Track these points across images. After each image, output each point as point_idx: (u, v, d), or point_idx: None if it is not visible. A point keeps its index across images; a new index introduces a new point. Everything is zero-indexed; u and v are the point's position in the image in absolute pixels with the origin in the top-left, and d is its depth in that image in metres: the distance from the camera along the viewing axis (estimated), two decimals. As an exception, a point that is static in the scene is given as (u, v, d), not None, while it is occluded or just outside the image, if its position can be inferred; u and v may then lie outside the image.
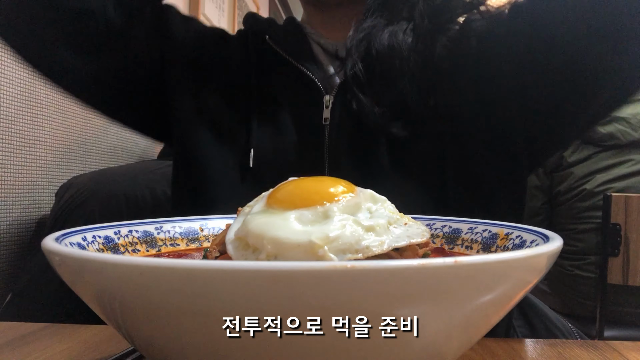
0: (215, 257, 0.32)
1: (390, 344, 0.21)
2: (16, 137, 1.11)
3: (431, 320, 0.21)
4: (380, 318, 0.20)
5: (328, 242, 0.26)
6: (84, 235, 0.33)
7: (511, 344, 0.44)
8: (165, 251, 0.41)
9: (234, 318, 0.20)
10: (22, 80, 1.12)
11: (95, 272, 0.21)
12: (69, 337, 0.45)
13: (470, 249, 0.38)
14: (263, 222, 0.29)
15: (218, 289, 0.19)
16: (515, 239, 0.34)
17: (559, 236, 0.28)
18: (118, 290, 0.21)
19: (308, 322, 0.19)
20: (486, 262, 0.20)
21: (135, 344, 0.26)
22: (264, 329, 0.20)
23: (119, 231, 0.38)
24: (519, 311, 0.74)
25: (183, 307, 0.20)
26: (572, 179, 1.61)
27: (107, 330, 0.46)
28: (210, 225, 0.45)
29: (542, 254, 0.23)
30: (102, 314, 0.25)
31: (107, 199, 1.05)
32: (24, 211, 1.18)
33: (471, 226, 0.40)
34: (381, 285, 0.19)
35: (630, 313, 1.47)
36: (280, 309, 0.19)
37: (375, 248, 0.28)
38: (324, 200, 0.30)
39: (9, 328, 0.47)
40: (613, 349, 0.43)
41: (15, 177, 1.13)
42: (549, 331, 0.73)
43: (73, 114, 1.32)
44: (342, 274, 0.18)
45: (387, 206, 0.33)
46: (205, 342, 0.21)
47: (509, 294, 0.23)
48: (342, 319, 0.19)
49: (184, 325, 0.21)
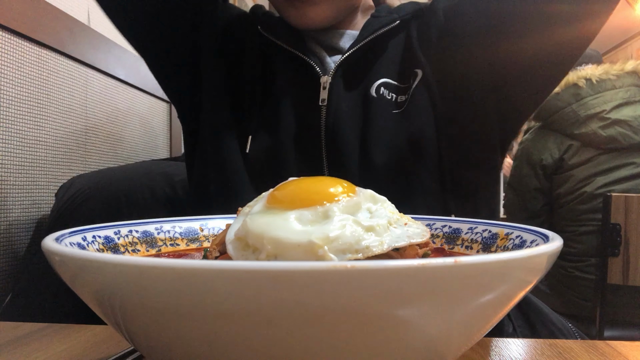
0: (215, 257, 0.32)
1: (390, 344, 0.21)
2: (16, 137, 1.11)
3: (431, 321, 0.21)
4: (380, 318, 0.20)
5: (328, 242, 0.26)
6: (84, 235, 0.33)
7: (511, 344, 0.44)
8: (165, 251, 0.41)
9: (233, 318, 0.20)
10: (22, 80, 1.12)
11: (95, 272, 0.21)
12: (69, 337, 0.45)
13: (470, 249, 0.38)
14: (263, 222, 0.29)
15: (218, 289, 0.19)
16: (515, 239, 0.34)
17: (559, 236, 0.28)
18: (118, 290, 0.21)
19: (308, 322, 0.19)
20: (486, 262, 0.20)
21: (135, 344, 0.26)
22: (264, 329, 0.20)
23: (119, 231, 0.38)
24: (519, 311, 0.74)
25: (183, 307, 0.20)
26: (572, 181, 1.61)
27: (107, 330, 0.46)
28: (210, 225, 0.45)
29: (542, 254, 0.23)
30: (102, 314, 0.25)
31: (107, 199, 1.04)
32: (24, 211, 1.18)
33: (471, 226, 0.40)
34: (381, 285, 0.19)
35: (630, 313, 1.47)
36: (280, 309, 0.19)
37: (375, 248, 0.28)
38: (324, 200, 0.30)
39: (9, 328, 0.47)
40: (613, 349, 0.43)
41: (15, 177, 1.13)
42: (549, 331, 0.73)
43: (73, 114, 1.32)
44: (342, 274, 0.18)
45: (387, 206, 0.33)
46: (205, 342, 0.21)
47: (509, 294, 0.23)
48: (342, 318, 0.19)
49: (184, 325, 0.21)
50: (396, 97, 0.71)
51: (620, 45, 5.25)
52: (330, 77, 0.70)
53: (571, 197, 1.61)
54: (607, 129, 1.54)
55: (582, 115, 1.58)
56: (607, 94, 1.58)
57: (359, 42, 0.71)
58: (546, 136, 1.69)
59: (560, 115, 1.63)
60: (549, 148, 1.66)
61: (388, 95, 0.70)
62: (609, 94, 1.58)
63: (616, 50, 5.33)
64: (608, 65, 1.63)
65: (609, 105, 1.56)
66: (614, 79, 1.59)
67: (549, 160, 1.66)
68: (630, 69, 1.60)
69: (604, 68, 1.62)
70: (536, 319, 0.74)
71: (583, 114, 1.58)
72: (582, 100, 1.60)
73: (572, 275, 1.58)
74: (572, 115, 1.60)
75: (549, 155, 1.66)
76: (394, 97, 0.71)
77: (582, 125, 1.58)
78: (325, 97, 0.69)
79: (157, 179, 1.10)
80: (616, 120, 1.53)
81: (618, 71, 1.60)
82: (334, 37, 0.76)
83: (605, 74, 1.60)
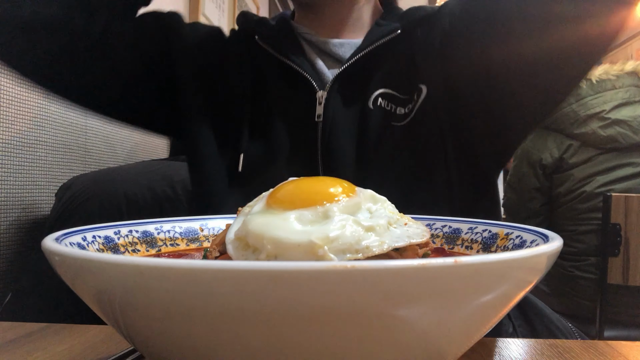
0: (215, 257, 0.32)
1: (390, 344, 0.21)
2: (16, 137, 1.11)
3: (431, 321, 0.21)
4: (380, 318, 0.20)
5: (328, 242, 0.26)
6: (84, 235, 0.33)
7: (511, 344, 0.44)
8: (165, 251, 0.41)
9: (233, 318, 0.20)
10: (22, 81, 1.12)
11: (95, 272, 0.21)
12: (69, 337, 0.45)
13: (470, 249, 0.38)
14: (263, 222, 0.29)
15: (218, 289, 0.19)
16: (515, 239, 0.34)
17: (559, 236, 0.28)
18: (118, 290, 0.21)
19: (308, 322, 0.19)
20: (486, 262, 0.20)
21: (135, 344, 0.26)
22: (264, 329, 0.20)
23: (119, 231, 0.38)
24: (519, 311, 0.74)
25: (183, 307, 0.20)
26: (572, 180, 1.61)
27: (107, 330, 0.46)
28: (210, 225, 0.45)
29: (542, 254, 0.23)
30: (102, 314, 0.24)
31: (107, 199, 1.04)
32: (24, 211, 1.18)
33: (471, 226, 0.40)
34: (381, 285, 0.19)
35: (630, 313, 1.47)
36: (280, 309, 0.19)
37: (375, 248, 0.28)
38: (324, 201, 0.30)
39: (9, 328, 0.47)
40: (613, 349, 0.43)
41: (15, 177, 1.13)
42: (549, 331, 0.73)
43: (73, 114, 1.32)
44: (342, 274, 0.18)
45: (387, 206, 0.33)
46: (205, 342, 0.21)
47: (509, 294, 0.23)
48: (342, 318, 0.19)
49: (184, 325, 0.21)
50: (395, 107, 0.68)
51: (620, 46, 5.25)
52: (326, 91, 0.67)
53: (571, 197, 1.61)
54: (607, 128, 1.54)
55: (581, 115, 1.58)
56: (606, 94, 1.58)
57: (357, 54, 0.68)
58: (546, 136, 1.69)
59: (560, 115, 1.63)
60: (548, 148, 1.66)
61: (387, 106, 0.68)
62: (609, 94, 1.58)
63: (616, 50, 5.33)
64: (608, 66, 1.63)
65: (608, 105, 1.56)
66: (614, 79, 1.59)
67: (549, 159, 1.66)
68: (630, 69, 1.60)
69: (604, 68, 1.62)
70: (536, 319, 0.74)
71: (583, 114, 1.58)
72: (581, 100, 1.60)
73: (571, 275, 1.58)
74: (571, 115, 1.61)
75: (549, 155, 1.66)
76: (393, 107, 0.68)
77: (581, 125, 1.58)
78: (321, 112, 0.66)
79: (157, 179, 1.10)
80: (616, 120, 1.53)
81: (618, 71, 1.60)
82: (335, 46, 0.73)
83: (605, 74, 1.60)
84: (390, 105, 0.68)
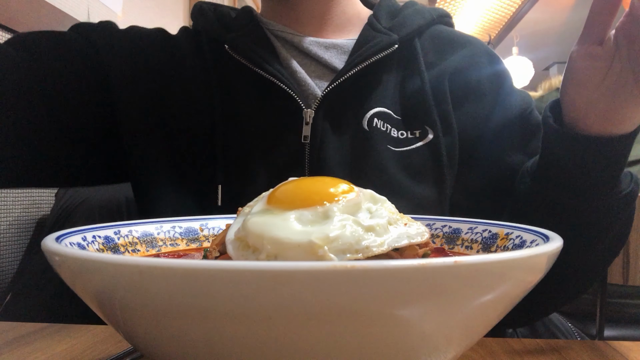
0: (215, 257, 0.32)
1: (390, 344, 0.21)
2: (16, 137, 1.11)
3: (431, 321, 0.21)
4: (380, 318, 0.20)
5: (328, 242, 0.26)
6: (84, 235, 0.33)
7: (511, 344, 0.44)
8: (165, 251, 0.41)
9: (233, 318, 0.20)
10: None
11: (95, 272, 0.21)
12: (68, 337, 0.45)
13: (470, 249, 0.38)
14: (263, 222, 0.29)
15: (218, 289, 0.19)
16: (515, 239, 0.34)
17: (559, 236, 0.28)
18: (118, 290, 0.21)
19: (308, 322, 0.19)
20: (486, 262, 0.20)
21: (135, 344, 0.26)
22: (264, 328, 0.20)
23: (119, 231, 0.38)
24: (519, 312, 0.74)
25: (183, 307, 0.20)
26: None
27: (107, 330, 0.46)
28: (210, 225, 0.45)
29: (542, 254, 0.23)
30: (102, 314, 0.25)
31: (107, 199, 1.05)
32: (24, 211, 1.18)
33: (471, 226, 0.40)
34: (381, 285, 0.19)
35: (630, 313, 1.47)
36: (280, 309, 0.19)
37: (375, 248, 0.28)
38: (324, 201, 0.30)
39: (9, 328, 0.47)
40: (613, 349, 0.43)
41: (15, 177, 1.13)
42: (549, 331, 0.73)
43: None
44: (342, 274, 0.18)
45: (387, 206, 0.33)
46: (205, 342, 0.21)
47: (509, 294, 0.23)
48: (342, 318, 0.19)
49: (184, 325, 0.21)
50: (390, 128, 0.61)
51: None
52: (314, 110, 0.59)
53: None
54: None
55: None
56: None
57: (348, 70, 0.59)
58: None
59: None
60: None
61: (382, 127, 0.60)
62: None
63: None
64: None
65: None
66: None
67: None
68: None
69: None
70: (536, 319, 0.74)
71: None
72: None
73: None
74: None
75: None
76: (389, 128, 0.60)
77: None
78: (309, 133, 0.58)
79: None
80: None
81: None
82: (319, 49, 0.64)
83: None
84: (386, 125, 0.61)
